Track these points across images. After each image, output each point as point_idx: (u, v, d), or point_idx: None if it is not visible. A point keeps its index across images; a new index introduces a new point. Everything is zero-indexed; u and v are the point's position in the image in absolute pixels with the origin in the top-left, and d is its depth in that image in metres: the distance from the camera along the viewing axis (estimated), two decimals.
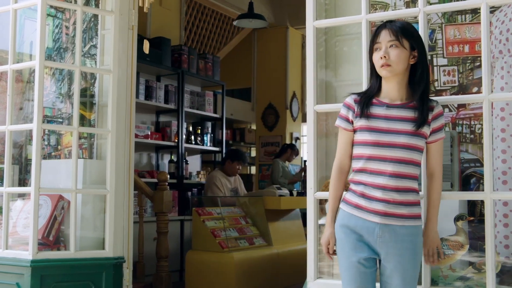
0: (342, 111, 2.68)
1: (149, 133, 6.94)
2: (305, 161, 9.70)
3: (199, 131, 7.79)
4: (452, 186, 2.96)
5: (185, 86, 7.44)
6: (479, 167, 2.91)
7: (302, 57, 9.98)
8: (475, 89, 3.08)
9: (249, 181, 9.79)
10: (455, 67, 3.16)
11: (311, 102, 3.20)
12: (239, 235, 5.70)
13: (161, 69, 7.14)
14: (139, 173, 6.58)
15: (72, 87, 3.96)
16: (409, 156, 2.52)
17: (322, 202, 3.29)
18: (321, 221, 3.26)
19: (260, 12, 8.42)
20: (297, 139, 10.02)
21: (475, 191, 2.90)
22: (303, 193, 7.17)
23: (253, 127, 10.38)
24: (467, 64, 3.13)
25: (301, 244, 5.71)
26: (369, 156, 2.56)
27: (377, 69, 2.59)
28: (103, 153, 3.96)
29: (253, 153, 10.66)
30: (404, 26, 2.57)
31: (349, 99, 2.67)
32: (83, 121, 4.01)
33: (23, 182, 4.05)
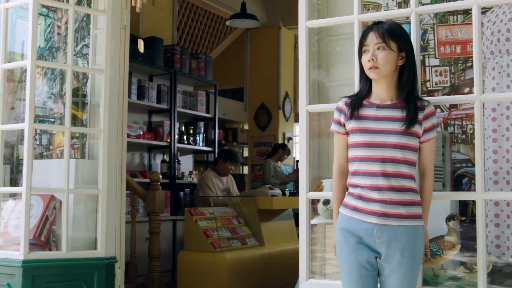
0: (335, 115, 2.70)
1: (142, 133, 6.93)
2: (297, 161, 9.72)
3: (192, 131, 7.78)
4: (444, 186, 2.97)
5: (178, 86, 7.43)
6: (471, 167, 2.92)
7: (294, 57, 9.99)
8: (466, 90, 3.09)
9: (241, 181, 9.79)
10: (447, 68, 3.17)
11: (303, 102, 3.20)
12: (231, 235, 5.70)
13: (153, 69, 7.13)
14: (132, 173, 6.57)
15: (64, 87, 3.95)
16: (402, 155, 2.52)
17: (314, 202, 3.29)
18: (313, 221, 3.27)
19: (252, 12, 8.42)
20: (290, 139, 10.03)
21: (467, 191, 2.91)
22: (296, 193, 7.18)
23: (246, 127, 10.38)
24: (459, 64, 3.14)
25: (293, 244, 5.72)
26: (362, 157, 2.57)
27: (365, 71, 2.60)
28: (95, 153, 3.95)
29: (246, 153, 10.66)
30: (391, 28, 2.57)
31: (340, 102, 2.69)
32: (75, 120, 3.99)
33: (15, 182, 4.03)
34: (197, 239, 5.48)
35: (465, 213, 3.04)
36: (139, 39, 4.03)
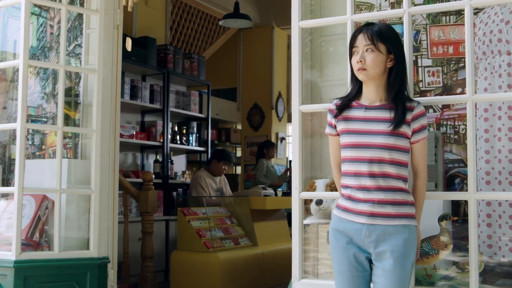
0: (327, 117, 2.72)
1: (134, 133, 6.91)
2: (290, 161, 9.73)
3: (185, 131, 7.78)
4: (436, 186, 2.98)
5: (171, 86, 7.42)
6: (463, 167, 2.94)
7: (287, 57, 9.99)
8: (459, 90, 3.10)
9: (234, 181, 9.78)
10: (440, 68, 3.18)
11: (296, 102, 3.21)
12: (224, 235, 5.70)
13: (146, 69, 7.12)
14: (124, 173, 6.56)
15: (56, 87, 3.94)
16: (389, 156, 2.52)
17: (307, 202, 3.30)
18: (306, 221, 3.27)
19: (246, 12, 8.41)
20: (283, 139, 10.03)
21: (459, 191, 2.92)
22: (288, 193, 7.18)
23: (239, 127, 10.38)
24: (451, 65, 3.15)
25: (286, 244, 5.72)
26: (350, 158, 2.59)
27: (354, 72, 2.61)
28: (87, 152, 3.94)
29: (239, 153, 10.65)
30: (381, 29, 2.57)
31: (331, 104, 2.71)
32: (68, 120, 3.98)
33: (7, 182, 4.02)
34: (190, 239, 5.48)
35: (458, 213, 3.05)
36: (127, 38, 4.01)
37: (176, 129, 7.65)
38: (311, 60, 3.62)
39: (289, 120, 9.98)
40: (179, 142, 7.62)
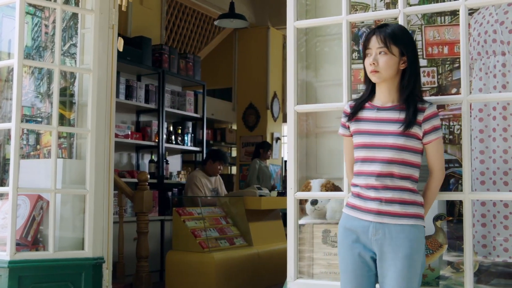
0: (342, 119, 2.76)
1: (130, 132, 6.90)
2: (285, 162, 9.73)
3: (180, 131, 7.77)
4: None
5: (166, 85, 7.41)
6: (458, 167, 2.94)
7: (283, 57, 9.99)
8: (454, 90, 3.11)
9: (229, 181, 9.79)
10: (435, 68, 3.18)
11: (291, 102, 3.21)
12: (219, 235, 5.70)
13: (141, 69, 7.11)
14: (119, 173, 6.55)
15: (51, 86, 3.93)
16: (399, 156, 2.55)
17: (302, 202, 3.30)
18: (301, 221, 3.27)
19: (241, 12, 8.41)
20: (278, 139, 10.03)
21: (454, 191, 2.93)
22: (284, 193, 7.18)
23: (234, 127, 10.37)
24: (446, 65, 3.16)
25: (281, 244, 5.72)
26: (362, 158, 2.63)
27: (367, 74, 2.63)
28: (82, 152, 3.93)
29: (234, 153, 10.65)
30: (394, 31, 2.59)
31: (346, 106, 2.75)
32: (63, 120, 3.97)
33: (1, 182, 4.01)
34: (185, 239, 5.48)
35: (452, 213, 3.06)
36: (119, 38, 3.99)
37: (171, 129, 7.65)
38: (306, 60, 3.62)
39: (284, 120, 9.98)
40: (174, 142, 7.61)
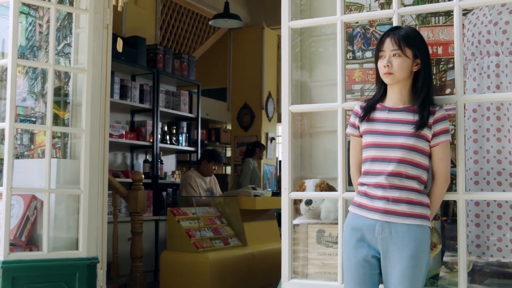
0: (351, 118, 2.80)
1: (124, 132, 6.89)
2: (280, 162, 9.73)
3: (174, 131, 7.76)
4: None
5: (160, 85, 7.40)
6: (452, 167, 2.94)
7: (277, 58, 9.99)
8: (448, 91, 3.11)
9: (224, 181, 9.78)
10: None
11: (286, 102, 3.21)
12: (214, 235, 5.69)
13: (136, 69, 7.10)
14: (114, 173, 6.53)
15: (45, 86, 3.92)
16: (408, 156, 2.57)
17: (296, 202, 3.30)
18: (295, 221, 3.27)
19: (236, 12, 8.41)
20: (273, 139, 10.04)
21: (448, 191, 2.93)
22: (278, 193, 7.18)
23: (229, 127, 10.37)
24: (441, 65, 3.16)
25: (276, 244, 5.72)
26: (372, 157, 2.65)
27: (380, 75, 2.66)
28: (77, 152, 3.92)
29: (229, 153, 10.65)
30: (408, 34, 2.63)
31: (356, 106, 2.78)
32: (57, 120, 3.96)
33: None
34: (180, 239, 5.47)
35: (447, 213, 3.07)
36: (118, 38, 4.00)
37: (166, 129, 7.64)
38: (301, 60, 3.62)
39: (279, 120, 9.93)
40: (168, 142, 7.61)
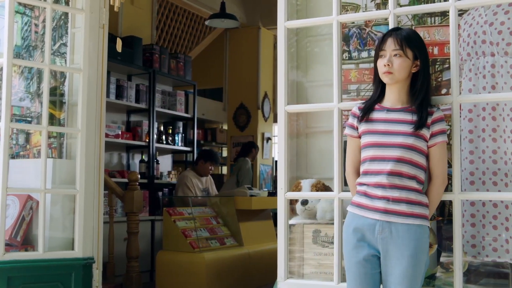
0: (349, 120, 2.81)
1: (120, 132, 6.88)
2: (276, 161, 9.73)
3: (170, 131, 7.76)
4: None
5: (157, 85, 7.40)
6: (448, 168, 2.95)
7: (274, 58, 9.99)
8: (444, 91, 3.12)
9: (220, 181, 9.77)
10: None
11: (282, 102, 3.21)
12: (210, 235, 5.69)
13: (132, 69, 7.10)
14: (110, 173, 6.53)
15: (41, 86, 3.91)
16: (408, 155, 2.59)
17: (292, 202, 3.30)
18: (291, 221, 3.28)
19: (232, 12, 8.41)
20: (269, 139, 10.04)
21: (444, 191, 2.93)
22: (274, 193, 7.18)
23: (225, 127, 10.37)
24: (436, 66, 3.17)
25: (272, 244, 5.72)
26: (371, 157, 2.66)
27: (380, 74, 2.68)
28: (72, 152, 3.91)
29: (225, 153, 10.65)
30: (409, 35, 2.66)
31: (354, 108, 2.79)
32: (53, 120, 3.95)
33: None
34: (176, 239, 5.47)
35: (442, 213, 3.07)
36: (117, 38, 3.99)
37: (162, 129, 7.63)
38: (297, 60, 3.63)
39: (275, 120, 9.98)
40: (165, 142, 7.60)
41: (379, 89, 2.74)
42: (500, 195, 2.91)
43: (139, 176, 5.77)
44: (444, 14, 3.13)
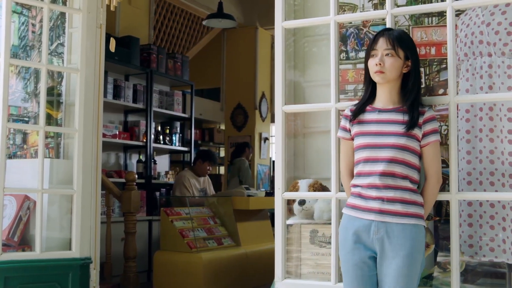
0: (341, 122, 2.82)
1: (117, 132, 6.88)
2: (273, 162, 9.73)
3: (168, 131, 7.75)
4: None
5: (154, 85, 7.39)
6: (445, 168, 2.95)
7: (271, 58, 9.99)
8: (441, 91, 3.12)
9: (217, 181, 9.77)
10: (422, 69, 3.19)
11: (279, 102, 3.21)
12: (207, 235, 5.69)
13: (129, 68, 7.09)
14: (107, 173, 6.52)
15: (38, 86, 3.91)
16: (400, 156, 2.60)
17: (290, 202, 3.30)
18: (289, 222, 3.28)
19: (229, 12, 8.41)
20: (266, 139, 10.04)
21: (441, 191, 2.94)
22: (271, 193, 7.18)
23: (222, 127, 10.37)
24: (434, 66, 3.17)
25: (269, 244, 5.72)
26: (364, 158, 2.66)
27: (371, 74, 2.68)
28: (70, 152, 3.91)
29: (222, 153, 10.64)
30: (401, 35, 2.67)
31: (346, 110, 2.80)
32: (50, 120, 3.95)
33: None
34: (173, 240, 5.47)
35: (439, 213, 3.08)
36: (111, 38, 3.99)
37: (159, 129, 7.63)
38: (295, 60, 3.63)
39: (273, 120, 9.93)
40: (162, 142, 7.60)
41: (370, 89, 2.74)
42: (497, 195, 2.91)
43: (137, 176, 5.77)
44: (441, 14, 3.13)
